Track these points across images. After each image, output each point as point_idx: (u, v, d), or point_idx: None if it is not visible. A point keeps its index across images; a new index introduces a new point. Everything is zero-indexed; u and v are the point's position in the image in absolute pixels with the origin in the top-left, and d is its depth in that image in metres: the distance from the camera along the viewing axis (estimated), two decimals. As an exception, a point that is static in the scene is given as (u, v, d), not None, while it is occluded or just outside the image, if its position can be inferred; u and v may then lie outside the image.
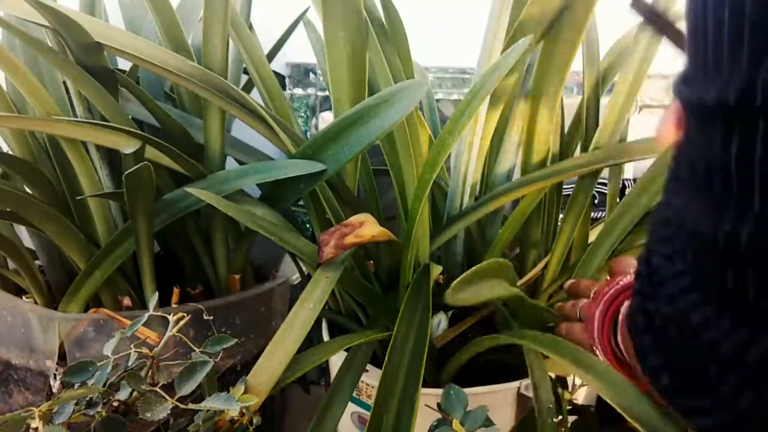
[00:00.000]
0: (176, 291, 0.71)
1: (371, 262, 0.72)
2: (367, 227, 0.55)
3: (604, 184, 0.76)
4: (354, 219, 0.56)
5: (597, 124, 0.70)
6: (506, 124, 0.67)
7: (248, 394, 0.47)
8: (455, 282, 0.50)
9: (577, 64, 0.62)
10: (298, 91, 0.95)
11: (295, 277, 0.86)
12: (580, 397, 0.64)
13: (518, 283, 0.67)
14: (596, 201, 0.84)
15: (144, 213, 0.62)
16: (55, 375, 0.64)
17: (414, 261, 0.61)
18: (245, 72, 0.81)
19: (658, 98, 0.94)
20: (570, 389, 0.60)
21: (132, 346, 0.49)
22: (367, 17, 0.59)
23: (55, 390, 0.64)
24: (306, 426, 0.53)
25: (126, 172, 0.57)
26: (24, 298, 0.75)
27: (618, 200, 0.68)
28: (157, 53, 0.60)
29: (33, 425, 0.41)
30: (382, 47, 0.65)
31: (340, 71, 0.61)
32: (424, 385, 0.49)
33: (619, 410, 0.42)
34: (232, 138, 0.75)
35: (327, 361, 0.76)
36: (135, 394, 0.45)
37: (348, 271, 0.62)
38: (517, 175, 0.68)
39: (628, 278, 0.48)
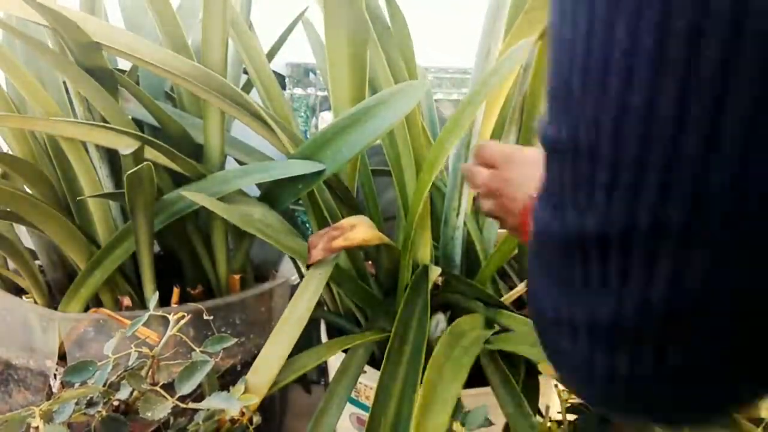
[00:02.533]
0: (176, 291, 0.71)
1: (370, 263, 0.72)
2: (358, 230, 0.55)
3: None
4: (346, 222, 0.56)
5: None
6: (504, 124, 0.67)
7: (248, 393, 0.47)
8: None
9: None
10: (298, 91, 0.96)
11: (295, 277, 0.86)
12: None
13: (509, 294, 0.67)
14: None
15: (144, 213, 0.62)
16: (55, 375, 0.64)
17: (413, 263, 0.61)
18: (245, 72, 0.81)
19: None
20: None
21: (132, 345, 0.49)
22: (368, 18, 0.59)
23: (55, 390, 0.64)
24: (306, 426, 0.53)
25: (127, 173, 0.57)
26: (24, 298, 0.75)
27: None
28: (156, 53, 0.60)
29: (33, 424, 0.41)
30: (385, 48, 0.65)
31: (340, 71, 0.61)
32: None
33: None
34: (231, 138, 0.76)
35: (326, 362, 0.76)
36: (135, 393, 0.45)
37: (346, 273, 0.62)
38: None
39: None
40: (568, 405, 0.58)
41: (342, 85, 0.62)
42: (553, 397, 0.57)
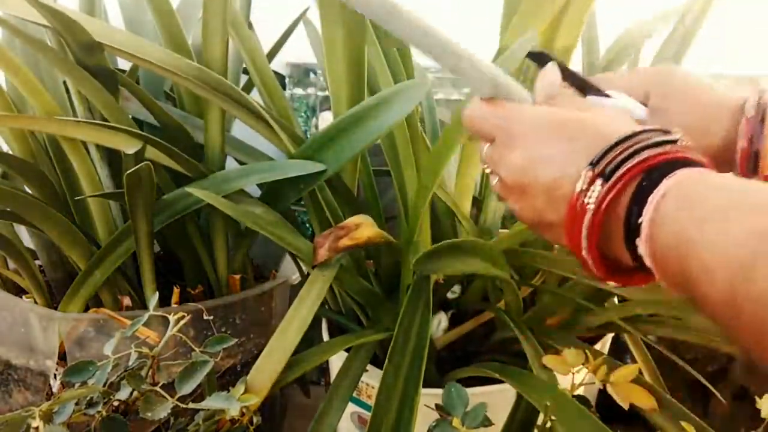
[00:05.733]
0: (176, 291, 0.71)
1: (371, 261, 0.72)
2: (363, 229, 0.55)
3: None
4: (350, 221, 0.56)
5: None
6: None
7: (248, 393, 0.47)
8: (424, 253, 0.53)
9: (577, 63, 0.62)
10: (298, 91, 0.95)
11: (295, 277, 0.86)
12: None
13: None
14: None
15: (144, 213, 0.62)
16: (55, 375, 0.64)
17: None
18: (245, 72, 0.81)
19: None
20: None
21: (132, 345, 0.49)
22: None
23: (55, 390, 0.64)
24: (306, 426, 0.53)
25: (126, 172, 0.57)
26: (24, 298, 0.75)
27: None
28: (156, 52, 0.60)
29: (33, 425, 0.41)
30: (384, 47, 0.65)
31: (338, 70, 0.61)
32: (426, 386, 0.49)
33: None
34: (232, 138, 0.75)
35: (327, 362, 0.76)
36: (135, 393, 0.45)
37: (348, 272, 0.62)
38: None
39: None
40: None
41: (340, 84, 0.62)
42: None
